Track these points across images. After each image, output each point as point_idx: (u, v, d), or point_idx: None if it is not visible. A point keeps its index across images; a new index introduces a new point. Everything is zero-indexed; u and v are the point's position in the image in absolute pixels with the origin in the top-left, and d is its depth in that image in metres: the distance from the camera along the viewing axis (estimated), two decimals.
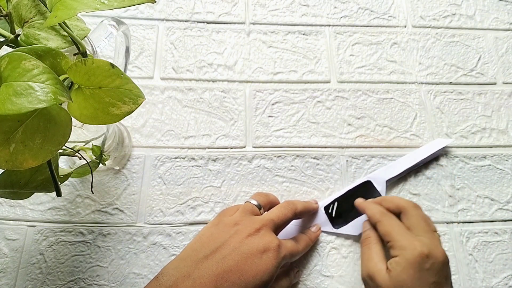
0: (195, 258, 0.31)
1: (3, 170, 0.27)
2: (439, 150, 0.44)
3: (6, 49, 0.24)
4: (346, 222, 0.40)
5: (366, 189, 0.42)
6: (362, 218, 0.40)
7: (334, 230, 0.40)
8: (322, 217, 0.41)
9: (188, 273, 0.30)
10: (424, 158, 0.43)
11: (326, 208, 0.41)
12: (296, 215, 0.37)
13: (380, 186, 0.42)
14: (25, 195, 0.29)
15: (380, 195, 0.41)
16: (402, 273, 0.31)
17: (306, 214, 0.40)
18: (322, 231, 0.40)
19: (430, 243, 0.32)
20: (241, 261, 0.31)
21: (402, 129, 0.46)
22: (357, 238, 0.40)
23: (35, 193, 0.30)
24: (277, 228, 0.35)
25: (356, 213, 0.40)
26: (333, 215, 0.41)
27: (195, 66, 0.47)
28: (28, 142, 0.22)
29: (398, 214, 0.37)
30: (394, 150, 0.45)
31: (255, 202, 0.37)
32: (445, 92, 0.48)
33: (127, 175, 0.42)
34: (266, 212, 0.37)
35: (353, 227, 0.40)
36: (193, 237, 0.40)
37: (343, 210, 0.41)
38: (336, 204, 0.41)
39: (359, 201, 0.40)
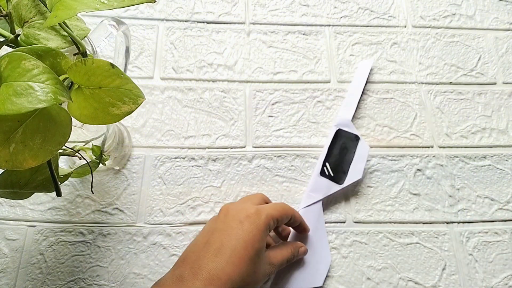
0: (197, 244, 0.32)
1: (3, 170, 0.27)
2: (369, 73, 0.47)
3: (6, 49, 0.24)
4: (345, 173, 0.42)
5: (342, 137, 0.43)
6: (357, 160, 0.42)
7: (341, 186, 0.41)
8: (322, 182, 0.41)
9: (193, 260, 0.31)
10: (364, 86, 0.46)
11: (322, 173, 0.42)
12: (291, 219, 0.36)
13: (351, 129, 0.44)
14: (25, 195, 0.29)
15: (357, 136, 0.43)
16: None
17: (299, 228, 0.38)
18: (331, 194, 0.41)
19: None
20: (225, 233, 0.31)
21: (402, 129, 0.46)
22: (359, 237, 0.40)
23: (35, 193, 0.30)
24: (272, 218, 0.33)
25: (349, 160, 0.42)
26: (332, 174, 0.42)
27: (195, 66, 0.47)
28: (28, 142, 0.22)
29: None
30: (394, 150, 0.45)
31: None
32: (445, 92, 0.48)
33: (127, 175, 0.42)
34: None
35: (354, 172, 0.41)
36: (193, 237, 0.40)
37: (336, 165, 0.42)
38: (327, 164, 0.42)
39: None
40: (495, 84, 0.49)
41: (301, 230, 0.39)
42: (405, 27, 0.51)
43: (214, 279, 0.28)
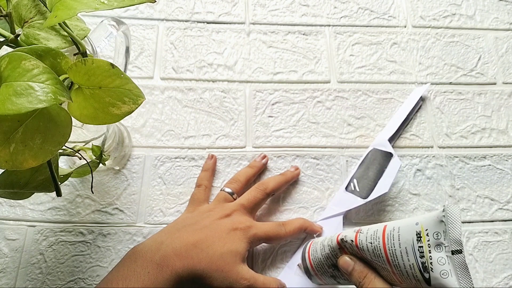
0: (169, 231, 0.35)
1: (3, 170, 0.27)
2: (420, 98, 0.46)
3: (6, 49, 0.24)
4: (372, 188, 0.40)
5: (376, 157, 0.42)
6: (386, 175, 0.40)
7: (365, 201, 0.40)
8: (346, 197, 0.41)
9: (162, 241, 0.33)
10: (412, 109, 0.45)
11: (348, 188, 0.41)
12: (268, 194, 0.39)
13: (386, 147, 0.42)
14: (25, 195, 0.29)
15: (391, 153, 0.42)
16: None
17: (284, 187, 0.41)
18: (354, 208, 0.40)
19: None
20: (210, 234, 0.34)
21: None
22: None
23: (35, 193, 0.30)
24: (250, 210, 0.38)
25: (379, 176, 0.41)
26: (358, 189, 0.41)
27: (195, 66, 0.47)
28: (28, 142, 0.22)
29: None
30: (394, 150, 0.44)
31: (228, 190, 0.39)
32: (445, 92, 0.48)
33: (127, 175, 0.42)
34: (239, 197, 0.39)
35: (380, 187, 0.40)
36: None
37: (363, 181, 0.41)
38: (355, 180, 0.42)
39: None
40: (495, 84, 0.49)
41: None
42: (405, 27, 0.51)
43: (187, 256, 0.32)
